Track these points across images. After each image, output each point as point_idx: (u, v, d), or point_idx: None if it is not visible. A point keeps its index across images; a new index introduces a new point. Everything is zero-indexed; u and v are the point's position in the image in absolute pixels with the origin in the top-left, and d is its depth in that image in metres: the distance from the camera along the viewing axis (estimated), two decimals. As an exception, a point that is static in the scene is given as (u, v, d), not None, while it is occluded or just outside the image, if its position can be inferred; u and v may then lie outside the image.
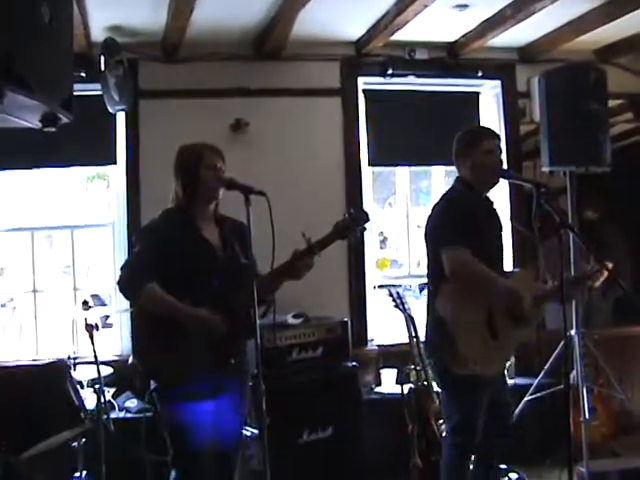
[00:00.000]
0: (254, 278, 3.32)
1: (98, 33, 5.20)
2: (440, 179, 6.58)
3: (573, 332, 5.04)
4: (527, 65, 6.29)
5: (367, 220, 3.61)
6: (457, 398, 3.95)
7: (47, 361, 4.34)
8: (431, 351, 4.11)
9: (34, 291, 5.72)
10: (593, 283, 4.29)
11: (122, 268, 3.61)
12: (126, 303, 5.26)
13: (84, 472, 4.34)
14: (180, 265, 3.49)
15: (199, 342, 3.44)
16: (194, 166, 3.62)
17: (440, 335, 3.85)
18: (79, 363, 4.73)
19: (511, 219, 5.83)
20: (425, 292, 4.31)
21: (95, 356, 4.30)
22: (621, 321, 6.31)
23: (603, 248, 5.42)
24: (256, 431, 4.44)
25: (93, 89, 5.08)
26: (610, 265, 4.13)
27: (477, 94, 6.39)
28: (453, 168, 4.17)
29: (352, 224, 3.59)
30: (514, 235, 5.89)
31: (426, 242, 4.07)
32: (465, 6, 5.15)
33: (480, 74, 6.17)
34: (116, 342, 5.69)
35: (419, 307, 5.20)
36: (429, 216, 4.08)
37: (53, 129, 2.22)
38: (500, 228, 4.17)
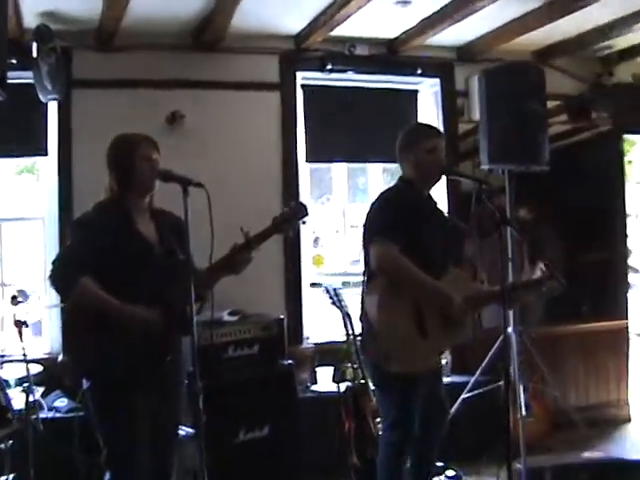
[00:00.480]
0: (191, 273, 3.23)
1: (31, 19, 5.03)
2: (377, 176, 6.55)
3: (510, 330, 5.05)
4: (466, 64, 6.34)
5: (306, 214, 3.55)
6: (391, 395, 3.92)
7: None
8: (363, 348, 4.07)
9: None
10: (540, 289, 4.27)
11: (54, 262, 3.47)
12: (56, 299, 5.17)
13: (11, 475, 4.17)
14: (114, 259, 3.37)
15: (134, 339, 3.33)
16: (128, 157, 3.51)
17: (371, 333, 3.82)
18: (6, 361, 4.56)
19: (449, 216, 5.82)
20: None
21: (24, 353, 4.15)
22: (553, 320, 6.38)
23: (536, 248, 5.46)
24: (192, 430, 4.34)
25: (24, 77, 4.89)
26: (546, 264, 4.14)
27: (416, 92, 6.40)
28: (390, 165, 4.14)
29: (291, 218, 3.53)
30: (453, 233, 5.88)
31: (362, 238, 4.03)
32: (407, 2, 5.15)
33: (419, 72, 6.19)
34: (45, 340, 5.52)
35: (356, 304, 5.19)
36: (366, 214, 4.03)
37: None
38: (443, 227, 4.13)
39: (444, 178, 4.32)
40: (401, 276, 3.77)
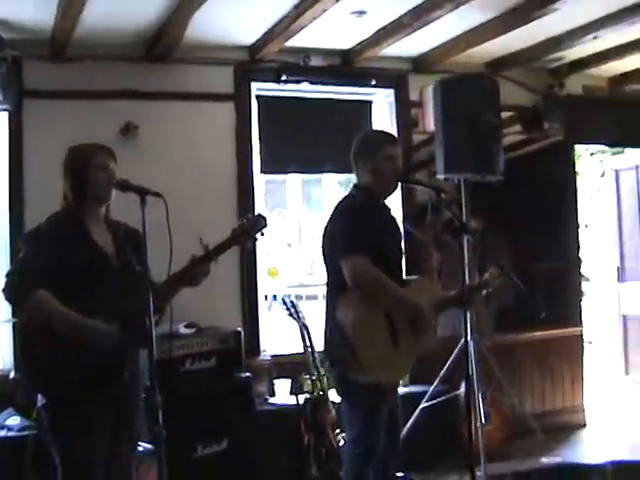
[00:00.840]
0: (149, 286, 3.18)
1: (-18, 27, 4.93)
2: (332, 187, 6.55)
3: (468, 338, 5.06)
4: (420, 75, 6.37)
5: (265, 225, 3.53)
6: (358, 407, 3.88)
7: None
8: (331, 359, 4.01)
9: None
10: (491, 289, 4.32)
11: (7, 274, 3.38)
12: (7, 314, 5.05)
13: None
14: (70, 270, 3.29)
15: (91, 353, 3.26)
16: (83, 166, 3.44)
17: (340, 343, 3.77)
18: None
19: (404, 222, 5.84)
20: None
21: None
22: (502, 330, 6.43)
23: (487, 256, 5.49)
24: (149, 446, 4.27)
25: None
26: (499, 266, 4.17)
27: (370, 102, 6.41)
28: (344, 176, 4.12)
29: (249, 229, 3.51)
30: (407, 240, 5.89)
31: (323, 252, 4.00)
32: (363, 12, 5.15)
33: (374, 82, 6.21)
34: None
35: (312, 315, 5.17)
36: (326, 225, 3.99)
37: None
38: (399, 235, 4.15)
39: (399, 187, 4.33)
40: (376, 289, 3.76)
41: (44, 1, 4.63)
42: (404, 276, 4.12)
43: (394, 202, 5.84)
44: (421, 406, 5.20)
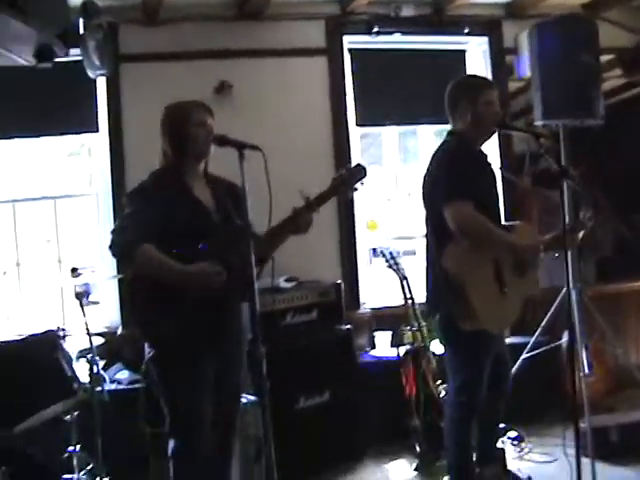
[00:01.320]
0: (250, 238, 3.23)
1: (77, -5, 5.03)
2: (428, 138, 6.48)
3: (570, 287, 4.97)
4: (514, 21, 6.20)
5: (364, 175, 3.53)
6: (463, 355, 3.88)
7: (38, 333, 4.21)
8: (436, 308, 3.99)
9: (17, 264, 5.59)
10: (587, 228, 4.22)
11: (113, 231, 3.49)
12: (114, 271, 5.22)
13: (78, 446, 4.22)
14: (173, 226, 3.38)
15: (197, 306, 3.34)
16: (182, 123, 3.52)
17: (448, 292, 3.76)
18: (69, 334, 4.60)
19: (502, 168, 5.75)
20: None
21: (86, 325, 4.18)
22: (605, 280, 6.27)
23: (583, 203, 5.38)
24: (252, 397, 4.36)
25: (72, 54, 4.89)
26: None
27: (464, 51, 6.30)
28: (440, 127, 4.06)
29: (349, 179, 3.51)
30: (504, 187, 5.80)
31: (424, 200, 3.97)
32: (453, -41, 5.05)
33: (466, 31, 6.09)
34: (103, 313, 5.57)
35: (415, 268, 5.16)
36: (426, 173, 3.97)
37: (49, 65, 2.08)
38: (496, 181, 4.10)
39: (495, 135, 4.26)
40: (482, 235, 3.75)
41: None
42: (502, 222, 4.07)
43: (491, 150, 5.76)
44: (522, 357, 5.14)
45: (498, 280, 3.79)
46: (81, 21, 4.85)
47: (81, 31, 4.85)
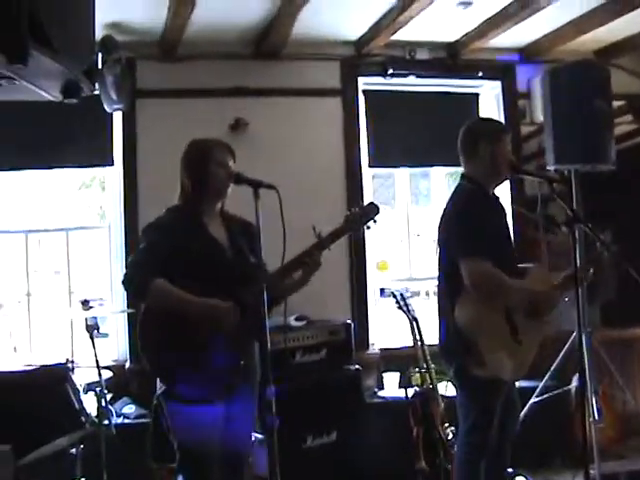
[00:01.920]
0: (263, 276, 3.24)
1: (96, 30, 5.08)
2: (440, 180, 6.51)
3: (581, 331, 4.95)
4: (527, 66, 6.25)
5: (377, 212, 3.55)
6: (476, 399, 3.87)
7: (47, 364, 4.22)
8: (449, 356, 3.97)
9: (28, 294, 5.61)
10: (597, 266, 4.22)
11: (127, 267, 3.51)
12: (124, 304, 5.23)
13: (82, 479, 4.21)
14: (187, 262, 3.39)
15: (210, 343, 3.35)
16: (204, 161, 3.53)
17: (461, 342, 3.76)
18: (78, 367, 4.60)
19: (514, 205, 5.79)
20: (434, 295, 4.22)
21: (96, 357, 4.19)
22: (610, 325, 6.25)
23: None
24: (260, 436, 4.34)
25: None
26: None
27: (477, 95, 6.35)
28: (452, 169, 4.07)
29: (362, 217, 3.53)
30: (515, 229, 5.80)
31: (440, 247, 3.97)
32: (469, 3, 5.11)
33: (480, 74, 6.14)
34: (112, 347, 5.57)
35: (422, 309, 5.15)
36: (443, 220, 3.96)
37: (75, 101, 2.10)
38: (507, 224, 4.11)
39: (508, 180, 4.28)
40: (498, 292, 3.76)
41: (154, 3, 4.78)
42: (517, 264, 4.07)
43: (503, 193, 5.78)
44: (531, 401, 5.11)
45: (511, 328, 3.78)
46: (100, 56, 4.93)
47: (99, 66, 4.93)
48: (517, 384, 5.21)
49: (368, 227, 3.59)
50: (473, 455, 3.88)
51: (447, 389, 4.89)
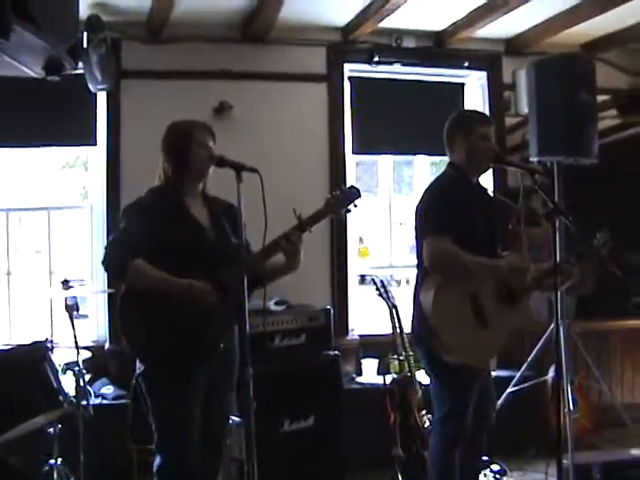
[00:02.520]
0: (245, 258, 3.24)
1: (82, 9, 5.02)
2: (423, 169, 6.53)
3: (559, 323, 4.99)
4: (513, 57, 6.26)
5: (358, 197, 3.55)
6: (447, 387, 3.89)
7: (26, 343, 4.20)
8: (418, 342, 4.03)
9: (8, 274, 5.58)
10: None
11: (107, 246, 3.51)
12: (104, 285, 5.23)
13: (59, 459, 4.20)
14: (168, 243, 3.40)
15: (189, 325, 3.35)
16: (184, 143, 3.53)
17: (424, 325, 3.79)
18: (57, 346, 4.59)
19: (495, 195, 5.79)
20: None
21: (75, 338, 4.18)
22: (595, 318, 6.30)
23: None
24: (237, 419, 4.35)
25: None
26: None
27: (462, 85, 6.35)
28: (436, 158, 4.09)
29: (343, 200, 3.53)
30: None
31: (415, 231, 4.00)
32: (456, -8, 5.11)
33: (466, 64, 6.15)
34: (92, 328, 5.56)
35: (403, 296, 5.17)
36: (417, 203, 3.99)
37: (57, 78, 2.09)
38: (493, 214, 4.11)
39: (490, 170, 4.29)
40: (456, 267, 3.73)
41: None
42: (496, 254, 4.08)
43: (486, 185, 5.80)
44: (508, 390, 5.15)
45: (477, 315, 3.78)
46: (85, 35, 4.90)
47: (84, 45, 4.90)
48: (494, 374, 5.30)
49: (349, 210, 3.59)
50: (447, 444, 3.90)
51: (425, 377, 4.91)
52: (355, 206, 3.56)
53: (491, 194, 4.19)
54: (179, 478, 3.47)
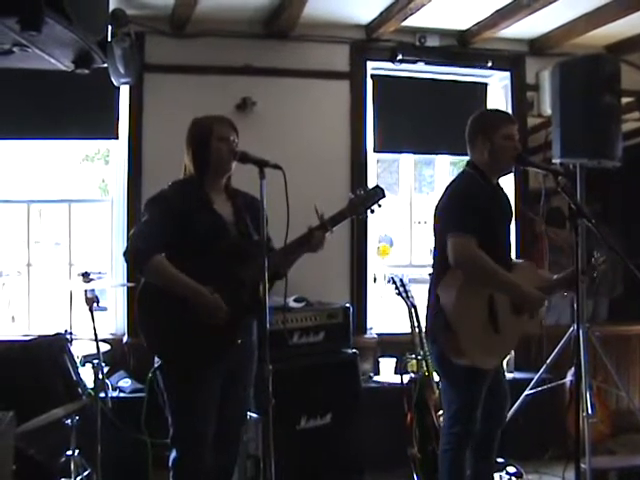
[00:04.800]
0: (266, 254, 3.24)
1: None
2: (444, 168, 6.51)
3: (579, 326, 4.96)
4: (537, 58, 6.22)
5: (382, 197, 3.54)
6: (456, 387, 3.88)
7: (46, 335, 4.21)
8: (431, 339, 4.01)
9: (28, 265, 5.61)
10: (596, 273, 4.23)
11: (129, 238, 3.52)
12: (123, 278, 5.25)
13: (77, 451, 4.21)
14: (190, 237, 3.41)
15: (205, 318, 3.36)
16: (206, 137, 3.54)
17: (440, 324, 3.78)
18: (77, 338, 4.60)
19: (523, 206, 5.79)
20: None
21: (94, 330, 4.19)
22: (615, 321, 6.27)
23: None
24: (254, 415, 4.35)
25: (98, 60, 4.95)
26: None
27: (485, 84, 6.31)
28: (457, 158, 4.05)
29: (367, 200, 3.52)
30: (518, 224, 5.80)
31: (434, 228, 3.98)
32: (481, -8, 5.08)
33: (490, 64, 6.10)
34: (110, 320, 5.58)
35: (422, 296, 5.16)
36: (438, 202, 3.97)
37: (86, 71, 2.10)
38: (509, 216, 4.10)
39: (512, 173, 4.27)
40: (480, 272, 3.73)
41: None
42: (511, 258, 4.07)
43: (507, 186, 5.77)
44: (525, 393, 5.13)
45: (492, 318, 3.77)
46: (109, 29, 4.91)
47: (109, 39, 4.91)
48: (511, 375, 5.28)
49: (372, 211, 3.58)
50: (455, 444, 3.89)
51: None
52: (379, 206, 3.55)
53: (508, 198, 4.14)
54: (194, 473, 3.48)
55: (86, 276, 4.24)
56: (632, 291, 5.86)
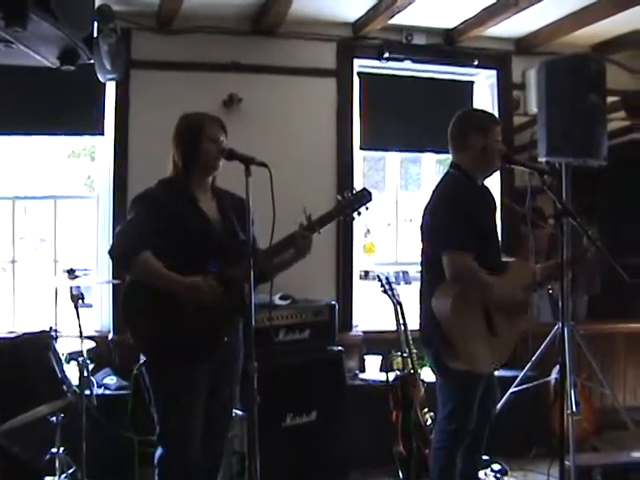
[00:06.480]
0: (251, 254, 3.23)
1: (93, -1, 5.05)
2: (430, 166, 6.52)
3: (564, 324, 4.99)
4: (523, 57, 6.24)
5: (370, 200, 3.54)
6: (452, 387, 3.90)
7: (31, 332, 4.19)
8: (427, 343, 4.00)
9: (13, 262, 5.58)
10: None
11: (115, 236, 3.51)
12: (109, 275, 5.23)
13: (62, 448, 4.20)
14: (175, 235, 3.39)
15: (193, 318, 3.35)
16: (196, 136, 3.52)
17: (437, 332, 3.78)
18: (61, 336, 4.58)
19: (503, 199, 5.81)
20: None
21: (80, 327, 4.18)
22: (599, 320, 6.29)
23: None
24: (240, 412, 4.35)
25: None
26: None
27: (472, 83, 6.33)
28: (444, 156, 4.05)
29: (354, 202, 3.52)
30: (504, 225, 5.80)
31: (422, 233, 3.97)
32: (468, -10, 5.09)
33: (476, 63, 6.12)
34: (96, 318, 5.56)
35: (407, 294, 5.17)
36: (428, 209, 3.96)
37: (72, 68, 2.08)
38: (495, 215, 4.11)
39: (499, 171, 4.28)
40: (476, 287, 3.77)
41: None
42: (501, 258, 4.08)
43: (493, 184, 5.78)
44: (510, 390, 5.14)
45: (488, 324, 3.80)
46: (95, 24, 4.88)
47: (94, 34, 4.88)
48: (497, 373, 5.28)
49: (359, 213, 3.58)
50: (450, 442, 3.91)
51: (428, 375, 4.91)
52: (366, 209, 3.56)
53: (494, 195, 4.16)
54: (180, 470, 3.47)
55: (71, 273, 4.23)
56: (610, 289, 5.90)
